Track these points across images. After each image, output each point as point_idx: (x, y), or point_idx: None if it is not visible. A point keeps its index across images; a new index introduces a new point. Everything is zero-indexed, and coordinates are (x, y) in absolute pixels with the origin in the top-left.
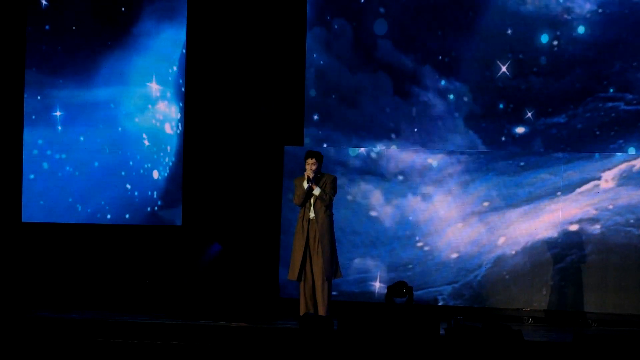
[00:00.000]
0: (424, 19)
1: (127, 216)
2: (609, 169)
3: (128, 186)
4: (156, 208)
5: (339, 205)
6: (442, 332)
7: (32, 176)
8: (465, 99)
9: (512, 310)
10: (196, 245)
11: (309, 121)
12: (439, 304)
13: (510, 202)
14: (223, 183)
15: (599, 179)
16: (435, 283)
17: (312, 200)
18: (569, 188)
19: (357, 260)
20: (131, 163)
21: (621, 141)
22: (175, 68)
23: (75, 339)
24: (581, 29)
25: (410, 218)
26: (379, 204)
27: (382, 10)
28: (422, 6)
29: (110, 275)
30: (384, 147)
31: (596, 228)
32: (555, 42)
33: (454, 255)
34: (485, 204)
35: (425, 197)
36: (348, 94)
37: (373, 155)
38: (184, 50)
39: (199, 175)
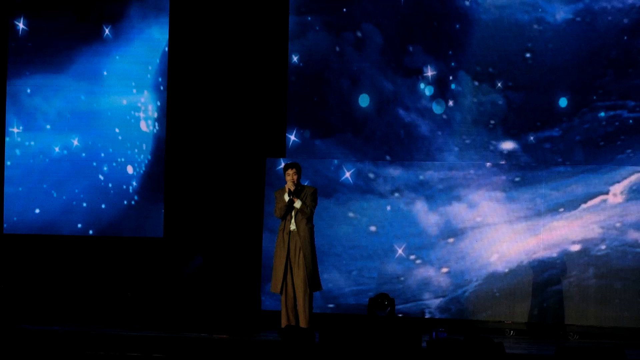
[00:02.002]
0: (411, 33)
1: (103, 206)
2: (618, 181)
3: (101, 177)
4: (133, 202)
5: (340, 221)
6: (424, 344)
7: (8, 163)
8: (446, 116)
9: (494, 323)
10: (178, 257)
11: (290, 131)
12: (426, 317)
13: (506, 219)
14: (205, 195)
15: (606, 193)
16: (423, 296)
17: (292, 212)
18: (572, 204)
19: (354, 273)
20: (102, 155)
21: (629, 151)
22: (155, 66)
23: (56, 351)
24: (555, 39)
25: (404, 232)
26: (377, 219)
27: (364, 24)
28: (409, 20)
29: (91, 287)
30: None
31: (601, 249)
32: (528, 55)
33: (444, 270)
34: (479, 219)
35: (419, 212)
36: (333, 105)
37: (367, 171)
38: (167, 49)
39: (180, 187)
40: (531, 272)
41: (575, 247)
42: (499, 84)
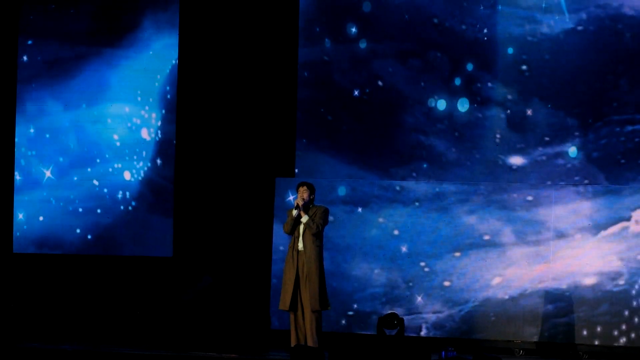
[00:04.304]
0: (414, 59)
1: (99, 211)
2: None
3: (95, 182)
4: (130, 208)
5: (372, 226)
6: None
7: (16, 172)
8: (457, 133)
9: (503, 342)
10: (187, 277)
11: (300, 151)
12: (422, 332)
13: (514, 240)
14: (214, 214)
15: (628, 219)
16: (424, 309)
17: (301, 230)
18: (590, 230)
19: (376, 271)
20: (98, 160)
21: None
22: (164, 76)
23: None
24: (552, 50)
25: (420, 239)
26: (400, 224)
27: (370, 47)
28: (410, 47)
29: (101, 307)
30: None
31: (618, 284)
32: (524, 67)
33: (447, 284)
34: (487, 237)
35: (433, 222)
36: (341, 123)
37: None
38: (176, 62)
39: (190, 207)
40: (534, 301)
41: (589, 280)
42: (499, 98)
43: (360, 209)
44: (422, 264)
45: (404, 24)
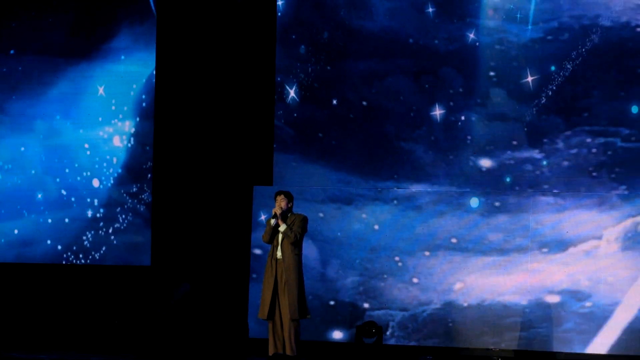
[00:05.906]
0: (394, 70)
1: (67, 220)
2: (612, 225)
3: (63, 192)
4: (98, 215)
5: (356, 221)
6: None
7: None
8: (434, 137)
9: (481, 350)
10: (165, 285)
11: (277, 160)
12: (388, 332)
13: (479, 247)
14: (192, 223)
15: (599, 238)
16: (393, 304)
17: (279, 239)
18: (560, 245)
19: (357, 262)
20: (67, 170)
21: (624, 187)
22: (140, 85)
23: None
24: (520, 58)
25: (396, 235)
26: (380, 219)
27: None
28: (386, 58)
29: (79, 315)
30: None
31: (585, 306)
32: (492, 73)
33: (415, 280)
34: (454, 240)
35: (408, 219)
36: (319, 131)
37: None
38: (154, 72)
39: (168, 215)
40: (491, 313)
41: (553, 299)
42: (469, 102)
43: (345, 207)
44: (397, 258)
45: (380, 41)
